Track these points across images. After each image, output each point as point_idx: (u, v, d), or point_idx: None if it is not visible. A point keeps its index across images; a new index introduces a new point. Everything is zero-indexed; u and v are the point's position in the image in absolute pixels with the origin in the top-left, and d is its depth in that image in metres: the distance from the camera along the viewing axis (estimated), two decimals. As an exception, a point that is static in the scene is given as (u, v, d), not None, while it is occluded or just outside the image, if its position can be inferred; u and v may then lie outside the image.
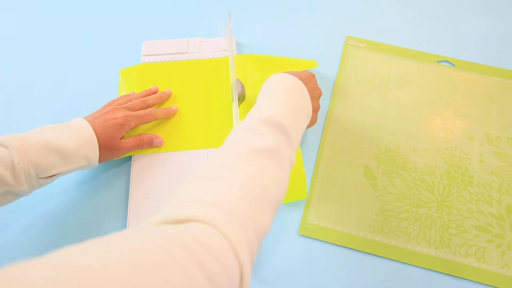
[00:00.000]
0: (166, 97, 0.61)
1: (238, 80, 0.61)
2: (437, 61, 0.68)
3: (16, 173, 0.43)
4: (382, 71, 0.66)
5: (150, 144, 0.56)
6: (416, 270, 0.51)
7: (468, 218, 0.54)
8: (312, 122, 0.53)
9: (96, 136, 0.49)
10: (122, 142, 0.53)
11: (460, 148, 0.59)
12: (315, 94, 0.51)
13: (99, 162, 0.51)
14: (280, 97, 0.44)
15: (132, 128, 0.55)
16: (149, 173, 0.55)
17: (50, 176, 0.47)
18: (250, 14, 0.73)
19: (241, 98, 0.61)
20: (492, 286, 0.50)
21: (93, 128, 0.49)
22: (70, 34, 0.71)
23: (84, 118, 0.52)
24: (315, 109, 0.52)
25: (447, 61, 0.68)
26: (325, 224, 0.53)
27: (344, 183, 0.56)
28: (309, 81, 0.50)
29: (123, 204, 0.54)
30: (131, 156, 0.57)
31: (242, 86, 0.61)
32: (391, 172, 0.57)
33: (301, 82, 0.48)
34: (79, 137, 0.48)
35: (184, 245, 0.27)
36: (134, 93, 0.61)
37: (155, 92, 0.62)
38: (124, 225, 0.52)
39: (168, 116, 0.59)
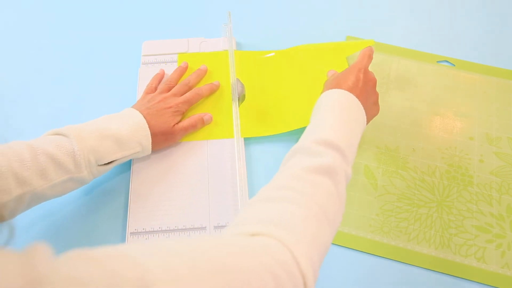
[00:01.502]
0: (203, 73, 0.64)
1: (238, 80, 0.61)
2: (437, 61, 0.68)
3: (76, 160, 0.46)
4: (382, 71, 0.66)
5: (202, 122, 0.59)
6: (416, 270, 0.51)
7: (468, 218, 0.54)
8: (374, 115, 0.53)
9: (151, 125, 0.52)
10: (176, 127, 0.56)
11: (460, 148, 0.59)
12: (370, 85, 0.51)
13: (157, 148, 0.55)
14: (333, 117, 0.44)
15: (183, 114, 0.58)
16: (149, 174, 0.55)
17: (108, 163, 0.50)
18: (250, 14, 0.73)
19: (241, 98, 0.61)
20: (492, 286, 0.50)
21: (146, 117, 0.52)
22: (70, 34, 0.71)
23: (134, 107, 0.55)
24: (375, 101, 0.52)
25: (447, 61, 0.68)
26: (325, 224, 0.53)
27: (344, 183, 0.56)
28: (359, 81, 0.49)
29: (123, 205, 0.54)
30: None
31: (242, 86, 0.61)
32: (391, 172, 0.57)
33: (353, 97, 0.47)
34: (131, 124, 0.51)
35: (258, 255, 0.31)
36: (164, 72, 0.63)
37: (186, 68, 0.64)
38: (124, 226, 0.52)
39: (212, 91, 0.62)
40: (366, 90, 0.50)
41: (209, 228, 0.52)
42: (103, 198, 0.55)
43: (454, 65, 0.67)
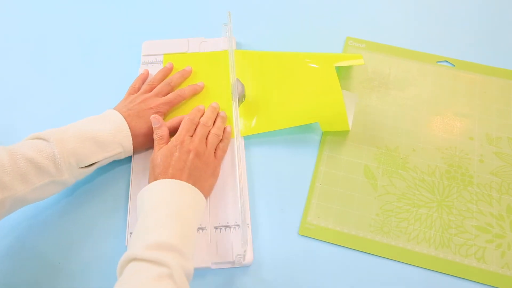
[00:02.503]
0: (188, 74, 0.63)
1: (238, 80, 0.61)
2: (437, 61, 0.68)
3: (57, 163, 0.46)
4: (382, 71, 0.66)
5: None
6: (416, 270, 0.51)
7: (468, 218, 0.54)
8: (213, 184, 0.54)
9: (131, 126, 0.52)
10: None
11: (460, 148, 0.59)
12: (197, 159, 0.51)
13: (139, 149, 0.55)
14: (162, 214, 0.44)
15: (165, 115, 0.58)
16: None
17: (90, 165, 0.50)
18: (250, 14, 0.73)
19: (241, 98, 0.61)
20: (492, 286, 0.50)
21: (127, 119, 0.53)
22: (70, 34, 0.71)
23: (115, 108, 0.55)
24: (213, 172, 0.53)
25: (447, 61, 0.68)
26: (325, 224, 0.53)
27: (344, 183, 0.56)
28: (181, 161, 0.50)
29: (123, 206, 0.54)
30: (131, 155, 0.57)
31: (242, 86, 0.61)
32: (391, 172, 0.57)
33: (179, 183, 0.47)
34: (111, 126, 0.51)
35: None
36: (148, 73, 0.63)
37: (170, 69, 0.63)
38: (124, 226, 0.52)
39: (196, 92, 0.62)
40: (195, 167, 0.50)
41: (209, 228, 0.52)
42: (102, 198, 0.55)
43: (454, 65, 0.67)
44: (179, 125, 0.55)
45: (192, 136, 0.53)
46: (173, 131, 0.55)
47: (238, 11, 0.71)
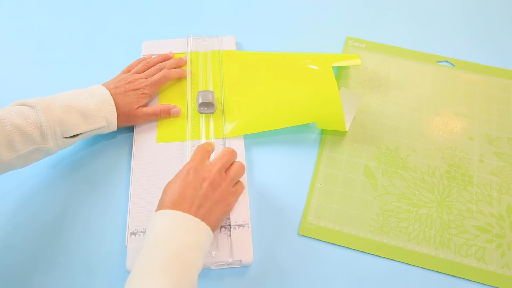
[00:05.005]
0: (183, 63, 0.64)
1: (204, 91, 0.60)
2: (437, 61, 0.68)
3: (43, 131, 0.48)
4: (382, 71, 0.66)
5: (168, 113, 0.59)
6: (416, 270, 0.51)
7: (468, 218, 0.54)
8: (226, 211, 0.48)
9: (116, 103, 0.54)
10: (139, 110, 0.57)
11: (460, 148, 0.59)
12: (207, 187, 0.45)
13: (118, 126, 0.55)
14: (159, 256, 0.39)
15: (150, 97, 0.59)
16: (149, 174, 0.55)
17: (74, 136, 0.51)
18: (250, 14, 0.73)
19: (212, 106, 0.59)
20: (492, 286, 0.50)
21: (113, 95, 0.54)
22: (70, 34, 0.71)
23: (104, 84, 0.56)
24: (224, 196, 0.47)
25: (447, 61, 0.68)
26: (325, 224, 0.53)
27: (344, 183, 0.56)
28: (191, 189, 0.44)
29: (123, 205, 0.54)
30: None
31: (213, 94, 0.59)
32: (391, 172, 0.57)
33: (181, 216, 0.42)
34: (98, 99, 0.52)
35: None
36: (151, 57, 0.63)
37: (170, 57, 0.64)
38: (124, 226, 0.52)
39: (181, 76, 0.62)
40: (207, 196, 0.45)
41: (209, 228, 0.52)
42: (102, 198, 0.55)
43: (454, 65, 0.67)
44: (160, 112, 0.58)
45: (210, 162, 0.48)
46: (153, 116, 0.58)
47: (238, 11, 0.71)
